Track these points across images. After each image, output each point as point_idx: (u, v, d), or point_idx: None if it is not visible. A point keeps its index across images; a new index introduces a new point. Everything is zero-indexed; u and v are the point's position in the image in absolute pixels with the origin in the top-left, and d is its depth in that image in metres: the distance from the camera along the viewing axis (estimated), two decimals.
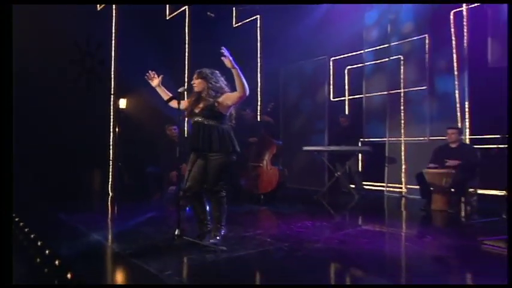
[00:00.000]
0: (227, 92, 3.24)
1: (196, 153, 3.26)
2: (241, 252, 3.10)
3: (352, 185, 6.71)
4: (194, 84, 3.29)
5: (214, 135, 3.16)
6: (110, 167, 6.94)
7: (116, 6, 7.13)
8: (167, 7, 7.88)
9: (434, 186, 5.06)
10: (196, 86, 3.27)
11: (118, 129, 6.98)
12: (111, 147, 7.00)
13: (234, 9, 8.38)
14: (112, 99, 7.05)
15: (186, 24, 7.92)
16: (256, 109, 8.08)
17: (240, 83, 3.09)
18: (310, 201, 6.01)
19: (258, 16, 8.25)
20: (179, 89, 3.31)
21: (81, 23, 6.64)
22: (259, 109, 8.19)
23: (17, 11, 2.99)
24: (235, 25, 8.48)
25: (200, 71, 3.29)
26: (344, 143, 6.45)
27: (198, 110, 3.25)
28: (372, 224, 4.52)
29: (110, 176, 6.92)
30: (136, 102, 7.00)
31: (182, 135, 5.76)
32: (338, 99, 8.01)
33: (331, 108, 7.73)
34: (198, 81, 3.26)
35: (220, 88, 3.22)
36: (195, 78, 3.28)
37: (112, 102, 7.05)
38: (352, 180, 6.85)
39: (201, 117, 3.22)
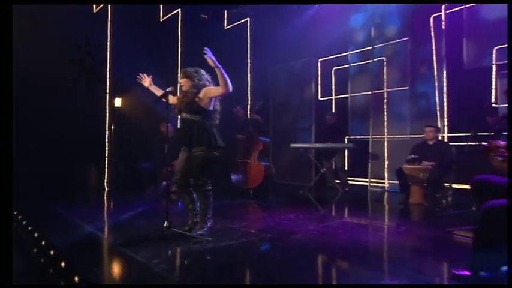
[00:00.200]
0: (209, 86, 3.33)
1: (184, 147, 3.37)
2: (226, 242, 3.21)
3: (337, 180, 6.84)
4: (181, 83, 3.39)
5: (194, 130, 3.26)
6: (106, 163, 7.02)
7: (112, 9, 7.18)
8: (161, 10, 7.94)
9: (413, 181, 5.20)
10: (183, 84, 3.38)
11: (113, 126, 7.06)
12: (107, 144, 7.08)
13: (225, 12, 8.45)
14: (107, 98, 7.11)
15: (179, 26, 8.00)
16: (246, 107, 8.19)
17: (222, 81, 3.18)
18: (297, 196, 6.13)
19: (248, 19, 8.34)
20: (168, 89, 3.40)
21: (78, 25, 6.67)
22: (249, 107, 8.30)
23: (16, 11, 2.92)
24: (227, 27, 8.56)
25: (185, 70, 3.40)
26: (330, 140, 6.56)
27: (183, 105, 3.36)
28: (352, 216, 4.65)
29: (106, 171, 7.00)
30: (131, 101, 7.07)
31: (175, 132, 5.85)
32: (325, 98, 8.13)
33: (319, 107, 7.85)
34: (184, 80, 3.36)
35: (203, 85, 3.31)
36: (181, 78, 3.39)
37: (108, 101, 7.11)
38: (337, 175, 6.99)
39: (185, 113, 3.33)
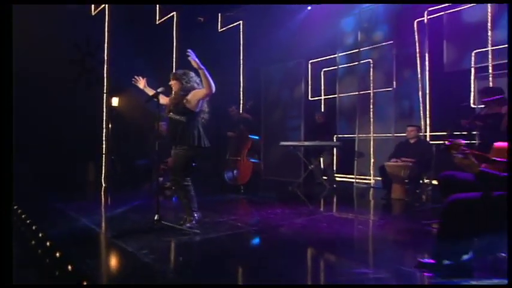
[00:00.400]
0: (198, 87, 3.41)
1: (173, 146, 3.46)
2: (213, 234, 3.31)
3: (325, 177, 6.95)
4: (171, 84, 3.47)
5: (179, 130, 3.35)
6: (103, 160, 7.09)
7: (109, 11, 7.23)
8: (157, 13, 8.01)
9: (394, 178, 5.31)
10: (173, 86, 3.46)
11: (111, 125, 7.13)
12: (105, 142, 7.14)
13: (219, 15, 8.52)
14: (105, 97, 7.17)
15: (174, 28, 8.06)
16: (238, 107, 8.28)
17: (206, 82, 3.25)
18: (286, 192, 6.23)
19: (241, 22, 8.41)
20: (158, 89, 3.47)
21: (77, 26, 6.72)
22: (241, 107, 8.40)
23: (16, 11, 2.87)
24: (220, 30, 8.63)
25: (174, 73, 3.49)
26: (319, 138, 6.65)
27: (172, 106, 3.44)
28: (336, 211, 4.76)
29: (103, 168, 7.08)
30: (128, 101, 7.13)
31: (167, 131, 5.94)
32: (315, 98, 8.23)
33: (309, 107, 7.94)
34: (173, 82, 3.45)
35: (191, 88, 3.39)
36: (171, 79, 3.47)
37: (105, 100, 7.17)
38: (325, 172, 7.10)
39: (173, 114, 3.42)
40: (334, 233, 3.49)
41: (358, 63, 7.26)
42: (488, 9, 5.61)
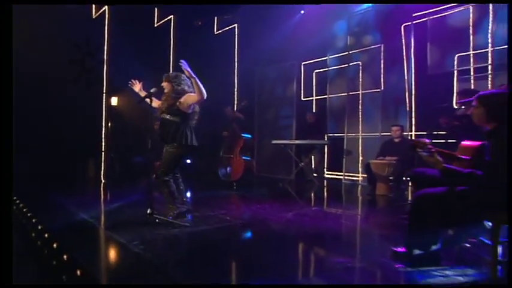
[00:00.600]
0: (188, 92, 3.50)
1: (165, 144, 3.55)
2: (202, 227, 3.40)
3: (315, 174, 7.05)
4: (163, 86, 3.56)
5: (172, 130, 3.44)
6: (103, 157, 7.18)
7: (109, 15, 7.30)
8: (155, 16, 8.09)
9: (378, 175, 5.41)
10: (165, 87, 3.55)
11: (110, 123, 7.21)
12: (104, 140, 7.22)
13: (215, 19, 8.61)
14: (104, 97, 7.25)
15: (172, 31, 8.15)
16: (233, 106, 8.37)
17: (197, 89, 3.35)
18: (276, 188, 6.33)
19: (236, 25, 8.50)
20: (151, 90, 3.55)
21: (78, 27, 6.75)
22: (235, 107, 8.49)
23: (16, 11, 2.83)
24: (216, 32, 8.72)
25: (167, 75, 3.57)
26: (309, 137, 6.76)
27: (165, 107, 3.53)
28: (322, 206, 4.86)
29: (103, 165, 7.16)
30: (127, 100, 7.20)
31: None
32: (307, 99, 8.32)
33: (301, 107, 8.03)
34: (165, 84, 3.54)
35: (182, 90, 3.48)
36: (163, 81, 3.56)
37: (105, 100, 7.25)
38: (315, 169, 7.20)
39: (166, 114, 3.50)
40: (317, 226, 3.58)
41: (348, 65, 7.35)
42: (470, 15, 5.72)
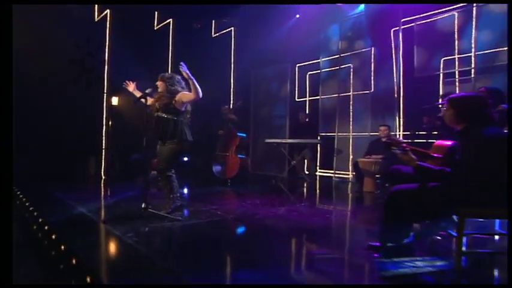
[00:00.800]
0: (182, 91, 3.59)
1: (160, 142, 3.64)
2: (194, 221, 3.50)
3: (307, 172, 7.16)
4: (158, 85, 3.66)
5: (169, 127, 3.53)
6: (103, 155, 7.27)
7: (111, 18, 7.39)
8: (155, 19, 8.18)
9: (366, 173, 5.51)
10: (159, 86, 3.64)
11: (111, 122, 7.30)
12: (104, 138, 7.32)
13: (213, 22, 8.70)
14: (105, 97, 7.34)
15: (171, 34, 8.24)
16: (229, 106, 8.46)
17: (194, 89, 3.45)
18: (269, 185, 6.43)
19: (232, 28, 8.58)
20: (147, 90, 3.64)
21: (78, 28, 6.77)
22: (231, 106, 8.59)
23: (17, 11, 2.80)
24: (214, 35, 8.81)
25: (162, 75, 3.67)
26: (302, 136, 6.86)
27: (159, 106, 3.61)
28: (311, 202, 4.95)
29: (103, 162, 7.26)
30: (126, 100, 7.28)
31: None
32: (301, 99, 8.41)
33: (295, 107, 8.13)
34: (160, 83, 3.63)
35: (175, 90, 3.57)
36: (158, 81, 3.65)
37: (105, 100, 7.34)
38: (307, 167, 7.31)
39: (161, 112, 3.59)
40: (302, 221, 3.68)
41: (339, 68, 7.45)
42: (455, 21, 5.83)
